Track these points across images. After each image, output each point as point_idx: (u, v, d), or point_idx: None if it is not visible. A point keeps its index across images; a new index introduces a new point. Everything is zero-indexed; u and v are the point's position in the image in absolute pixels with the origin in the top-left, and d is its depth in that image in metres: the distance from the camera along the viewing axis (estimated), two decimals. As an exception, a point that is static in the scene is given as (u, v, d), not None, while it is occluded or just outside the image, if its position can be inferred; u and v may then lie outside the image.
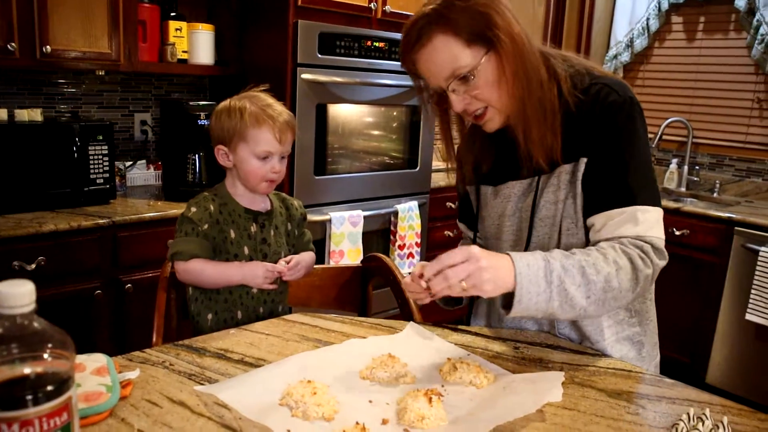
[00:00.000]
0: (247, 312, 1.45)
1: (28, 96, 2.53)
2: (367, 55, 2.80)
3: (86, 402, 0.87)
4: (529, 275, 1.03)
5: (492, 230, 1.34)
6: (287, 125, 1.41)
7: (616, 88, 1.16)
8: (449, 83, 1.14)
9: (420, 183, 3.20)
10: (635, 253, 1.09)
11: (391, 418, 0.92)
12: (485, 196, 1.34)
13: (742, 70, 3.55)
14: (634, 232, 1.12)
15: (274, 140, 1.39)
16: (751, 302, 2.88)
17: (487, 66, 1.12)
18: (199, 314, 1.43)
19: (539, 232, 1.23)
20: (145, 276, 2.29)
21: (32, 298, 0.63)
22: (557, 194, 1.20)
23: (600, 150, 1.15)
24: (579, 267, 1.06)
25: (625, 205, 1.13)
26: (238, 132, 1.39)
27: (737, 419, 0.97)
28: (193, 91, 3.03)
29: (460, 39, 1.11)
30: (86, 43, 2.31)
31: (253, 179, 1.42)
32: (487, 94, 1.15)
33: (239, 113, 1.39)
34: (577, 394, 1.03)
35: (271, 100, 1.43)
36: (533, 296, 1.03)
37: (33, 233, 2.02)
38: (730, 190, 3.63)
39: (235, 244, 1.42)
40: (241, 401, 0.93)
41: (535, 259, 1.05)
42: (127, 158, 2.79)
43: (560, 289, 1.04)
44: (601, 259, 1.07)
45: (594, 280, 1.05)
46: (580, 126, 1.17)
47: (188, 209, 1.40)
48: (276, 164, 1.41)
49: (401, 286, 1.55)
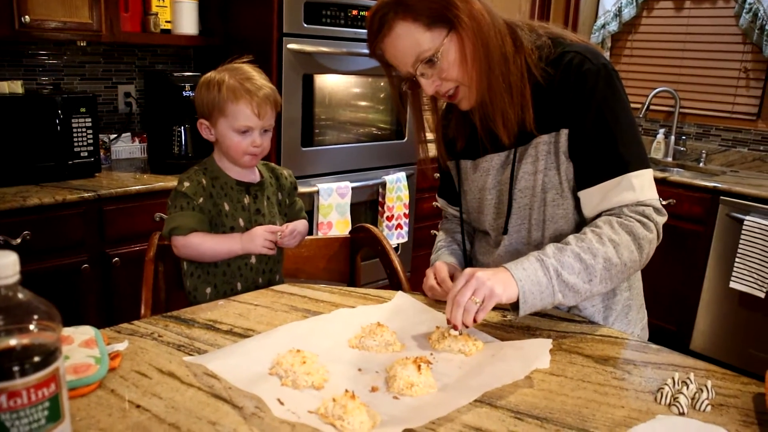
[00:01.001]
0: (247, 283, 1.45)
1: (8, 68, 2.48)
2: (353, 24, 2.76)
3: (75, 374, 0.87)
4: (528, 277, 1.06)
5: (474, 204, 1.34)
6: (267, 99, 1.38)
7: (588, 55, 1.15)
8: (416, 68, 1.14)
9: (408, 154, 3.18)
10: (634, 224, 1.12)
11: (381, 386, 0.93)
12: (465, 170, 1.34)
13: (730, 40, 3.54)
14: (633, 198, 1.14)
15: (252, 115, 1.37)
16: (735, 270, 2.91)
17: (450, 46, 1.12)
18: (196, 289, 1.43)
19: (519, 203, 1.24)
20: (132, 249, 2.28)
21: (16, 269, 0.62)
22: (536, 165, 1.20)
23: (581, 120, 1.15)
24: (575, 256, 1.08)
25: (618, 174, 1.14)
26: (218, 106, 1.37)
27: (720, 383, 0.99)
28: (177, 62, 2.99)
29: (420, 23, 1.10)
30: (66, 12, 2.26)
31: (234, 153, 1.40)
32: (454, 74, 1.15)
33: (217, 87, 1.37)
34: (564, 361, 1.04)
35: (253, 72, 1.41)
36: (537, 294, 1.06)
37: (17, 207, 1.99)
38: (716, 160, 3.65)
39: (230, 217, 1.41)
40: (231, 371, 0.94)
41: (529, 263, 1.07)
42: (112, 131, 2.75)
43: (560, 281, 1.07)
44: (595, 241, 1.09)
45: (592, 264, 1.08)
46: (554, 96, 1.16)
47: (181, 184, 1.39)
48: (257, 138, 1.39)
49: (390, 257, 1.56)
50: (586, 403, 0.91)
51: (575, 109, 1.15)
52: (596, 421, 0.87)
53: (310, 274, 1.69)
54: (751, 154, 3.52)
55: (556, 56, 1.17)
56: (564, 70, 1.15)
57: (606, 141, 1.14)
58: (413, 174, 3.20)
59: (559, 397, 0.93)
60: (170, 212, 1.38)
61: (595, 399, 0.93)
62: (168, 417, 0.83)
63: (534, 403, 0.91)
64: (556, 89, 1.16)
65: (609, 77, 1.15)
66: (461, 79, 1.15)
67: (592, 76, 1.14)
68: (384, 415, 0.85)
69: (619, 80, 1.17)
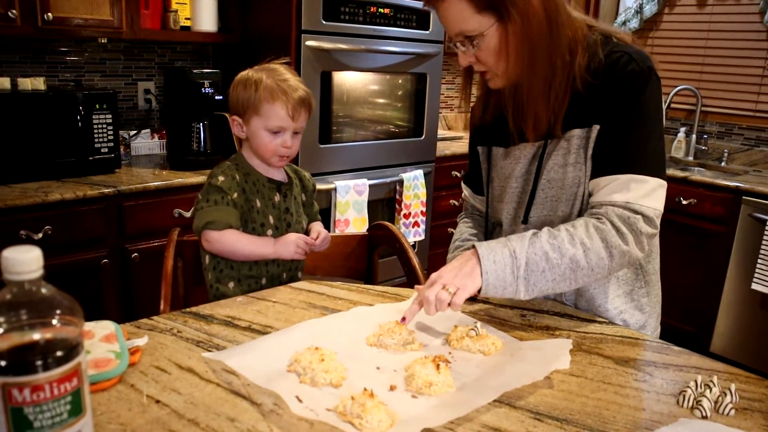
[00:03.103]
0: (272, 279, 1.46)
1: (31, 65, 2.51)
2: (372, 21, 2.76)
3: (96, 368, 0.87)
4: (495, 271, 1.07)
5: (497, 192, 1.33)
6: (302, 102, 1.40)
7: (636, 57, 1.14)
8: (458, 39, 1.15)
9: (425, 152, 3.17)
10: (610, 230, 1.09)
11: (399, 385, 0.93)
12: (496, 157, 1.33)
13: (754, 37, 3.48)
14: (623, 199, 1.11)
15: (286, 116, 1.38)
16: (757, 272, 2.87)
17: (493, 36, 1.11)
18: (219, 281, 1.43)
19: (544, 194, 1.23)
20: (151, 245, 2.30)
21: (40, 264, 0.63)
22: (566, 158, 1.19)
23: (613, 118, 1.14)
24: (543, 253, 1.08)
25: (619, 173, 1.13)
26: (253, 105, 1.38)
27: (744, 386, 0.97)
28: (196, 59, 3.00)
29: (472, 3, 1.09)
30: (88, 10, 2.28)
31: (264, 152, 1.41)
32: (488, 60, 1.15)
33: (254, 86, 1.38)
34: (584, 362, 1.03)
35: (289, 74, 1.42)
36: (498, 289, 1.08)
37: (39, 203, 2.02)
38: (739, 160, 3.59)
39: (261, 214, 1.42)
40: (249, 368, 0.94)
41: (501, 256, 1.07)
42: (131, 127, 2.78)
43: (525, 280, 1.08)
44: (566, 241, 1.09)
45: (558, 264, 1.08)
46: (595, 92, 1.15)
47: (215, 178, 1.40)
48: (288, 140, 1.41)
49: (408, 254, 1.55)
50: (606, 405, 0.90)
51: (611, 108, 1.14)
52: (617, 423, 0.85)
53: (327, 271, 1.69)
54: (775, 153, 3.47)
55: (604, 55, 1.16)
56: (609, 68, 1.14)
57: (619, 137, 1.14)
58: (431, 172, 3.19)
59: (579, 398, 0.92)
60: (202, 205, 1.38)
61: (615, 401, 0.91)
62: (187, 413, 0.83)
63: (554, 404, 0.90)
64: (598, 86, 1.15)
65: (653, 82, 1.14)
66: (494, 68, 1.16)
67: (636, 77, 1.13)
68: (402, 413, 0.84)
69: (659, 88, 1.16)
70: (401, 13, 2.85)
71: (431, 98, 3.13)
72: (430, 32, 2.99)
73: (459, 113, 4.27)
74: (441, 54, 3.08)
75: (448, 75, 4.08)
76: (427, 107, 3.12)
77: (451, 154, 3.34)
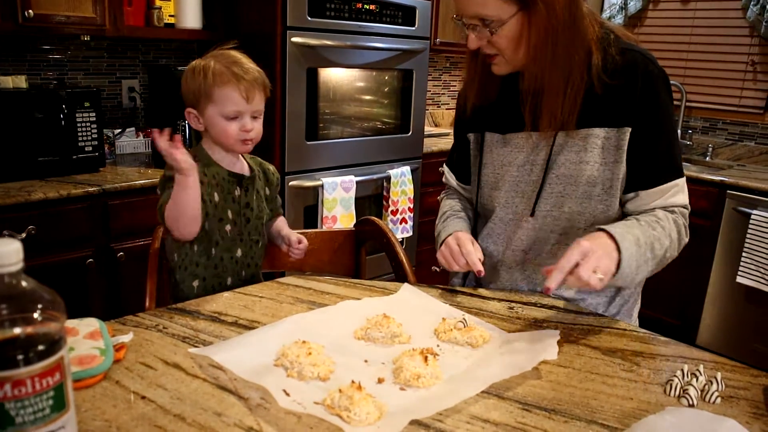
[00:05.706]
0: (233, 276, 1.43)
1: (12, 63, 2.48)
2: (358, 17, 2.75)
3: (80, 365, 0.86)
4: (628, 258, 1.09)
5: (490, 178, 1.32)
6: (255, 82, 1.34)
7: (648, 56, 1.18)
8: (472, 21, 1.14)
9: (412, 148, 3.17)
10: (681, 227, 1.19)
11: (387, 377, 0.92)
12: (490, 143, 1.32)
13: (737, 33, 3.51)
14: (683, 201, 1.22)
15: (241, 99, 1.32)
16: (741, 265, 2.90)
17: (513, 24, 1.11)
18: (184, 281, 1.39)
19: (553, 189, 1.23)
20: (137, 244, 2.28)
21: (20, 257, 0.62)
22: (581, 155, 1.19)
23: (646, 123, 1.16)
24: (650, 244, 1.13)
25: (676, 178, 1.20)
26: (204, 92, 1.33)
27: (730, 375, 0.98)
28: (181, 56, 2.98)
29: None
30: (70, 7, 2.25)
31: (226, 140, 1.36)
32: (502, 46, 1.14)
33: (203, 72, 1.33)
34: (572, 352, 1.04)
35: (239, 56, 1.37)
36: (628, 277, 1.10)
37: (22, 202, 1.99)
38: (723, 154, 3.63)
39: (219, 208, 1.38)
40: (236, 362, 0.93)
41: (629, 243, 1.10)
42: (116, 125, 2.75)
43: (638, 268, 1.11)
44: (663, 235, 1.15)
45: (658, 255, 1.15)
46: (617, 92, 1.16)
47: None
48: (247, 123, 1.35)
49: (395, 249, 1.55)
50: (594, 394, 0.90)
51: (641, 110, 1.16)
52: (605, 412, 0.86)
53: (314, 267, 1.68)
54: (758, 147, 3.50)
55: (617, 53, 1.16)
56: (629, 68, 1.15)
57: (666, 145, 1.18)
58: (418, 168, 3.19)
59: (567, 388, 0.92)
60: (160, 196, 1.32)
61: (603, 391, 0.92)
62: (173, 408, 0.82)
63: (542, 394, 0.90)
64: (618, 86, 1.15)
65: (668, 84, 1.20)
66: (507, 54, 1.16)
67: (660, 80, 1.17)
68: (390, 406, 0.84)
69: None
70: (387, 9, 2.85)
71: (418, 94, 3.12)
72: (416, 28, 2.99)
73: (447, 110, 4.27)
74: (427, 50, 3.08)
75: (435, 71, 4.08)
76: (413, 103, 3.12)
77: (438, 150, 3.34)
